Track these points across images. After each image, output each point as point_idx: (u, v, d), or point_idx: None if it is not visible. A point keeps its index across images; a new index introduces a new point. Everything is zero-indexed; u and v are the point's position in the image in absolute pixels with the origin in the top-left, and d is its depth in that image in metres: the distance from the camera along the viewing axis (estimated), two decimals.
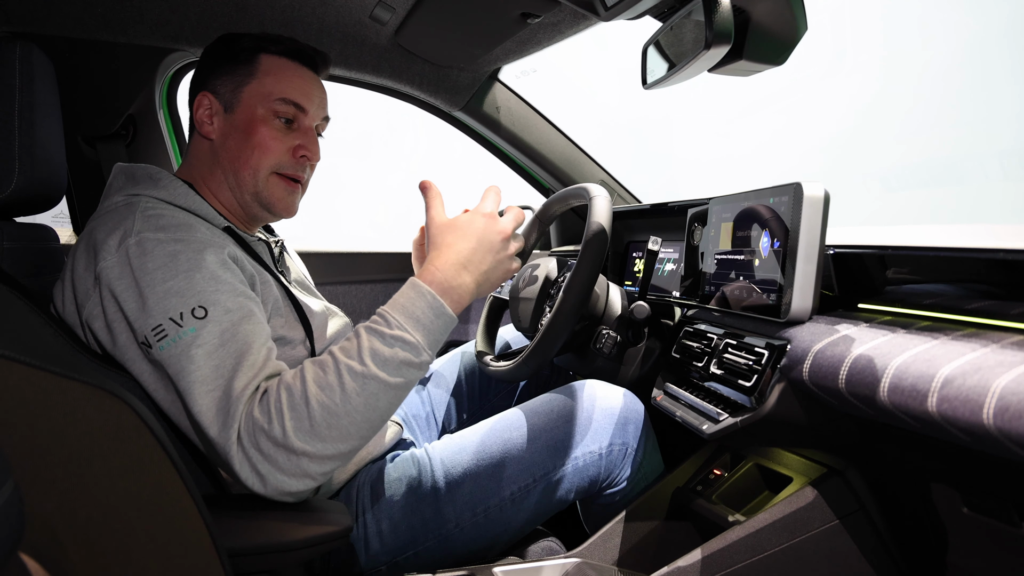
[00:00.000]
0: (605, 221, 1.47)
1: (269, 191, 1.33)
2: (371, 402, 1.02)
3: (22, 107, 1.17)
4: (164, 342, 1.01)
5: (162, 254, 1.07)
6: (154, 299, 1.03)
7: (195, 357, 1.00)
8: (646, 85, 1.27)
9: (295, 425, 0.97)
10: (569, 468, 1.41)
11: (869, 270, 1.22)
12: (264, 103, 1.30)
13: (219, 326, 1.04)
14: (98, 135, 1.86)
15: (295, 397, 0.99)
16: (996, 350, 0.83)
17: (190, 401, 0.99)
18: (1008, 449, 0.75)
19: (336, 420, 0.99)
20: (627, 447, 1.46)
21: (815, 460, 1.29)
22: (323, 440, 0.98)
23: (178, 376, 1.00)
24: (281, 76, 1.32)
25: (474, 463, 1.37)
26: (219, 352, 1.02)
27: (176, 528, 0.75)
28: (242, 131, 1.30)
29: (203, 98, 1.31)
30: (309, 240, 2.43)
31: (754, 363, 1.21)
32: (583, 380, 1.56)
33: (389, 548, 1.32)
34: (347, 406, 1.00)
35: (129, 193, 1.20)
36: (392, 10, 1.77)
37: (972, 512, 1.01)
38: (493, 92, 2.36)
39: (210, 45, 1.36)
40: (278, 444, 0.97)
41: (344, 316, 1.51)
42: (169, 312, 1.02)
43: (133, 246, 1.06)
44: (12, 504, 0.49)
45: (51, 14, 1.65)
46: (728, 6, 1.03)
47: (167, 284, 1.04)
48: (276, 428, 0.97)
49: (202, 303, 1.04)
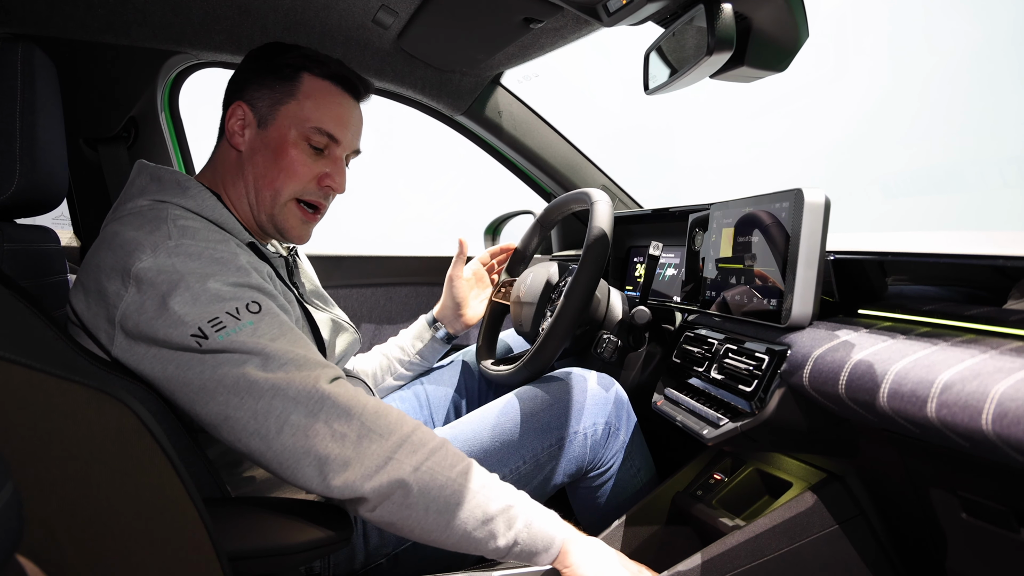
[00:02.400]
0: (606, 226, 1.47)
1: (284, 217, 1.33)
2: (446, 489, 1.02)
3: (23, 108, 1.17)
4: (223, 332, 1.00)
5: (207, 259, 1.07)
6: (206, 296, 1.02)
7: (260, 342, 1.01)
8: (648, 91, 1.27)
9: (372, 419, 1.01)
10: (555, 449, 1.44)
11: (869, 276, 1.22)
12: (299, 127, 1.28)
13: (276, 319, 1.06)
14: (100, 137, 1.86)
15: (371, 403, 1.03)
16: (995, 356, 0.83)
17: (259, 377, 0.99)
18: (1007, 455, 0.75)
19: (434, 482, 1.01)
20: (609, 427, 1.49)
21: (815, 465, 1.29)
22: (384, 445, 1.00)
23: (246, 358, 1.00)
24: (321, 102, 1.30)
25: (466, 450, 1.39)
26: (282, 340, 1.03)
27: (176, 531, 0.75)
28: (272, 150, 1.28)
29: (237, 107, 1.29)
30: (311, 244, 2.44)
31: (754, 368, 1.22)
32: (564, 368, 1.58)
33: (389, 540, 1.31)
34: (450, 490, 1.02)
35: (155, 198, 1.17)
36: (395, 14, 1.78)
37: (971, 518, 1.00)
38: (495, 97, 2.36)
39: (254, 51, 1.34)
40: (352, 420, 0.99)
41: (353, 331, 1.51)
42: (226, 308, 1.02)
43: (174, 249, 1.06)
44: (11, 506, 0.49)
45: (53, 15, 1.65)
46: (730, 12, 1.03)
47: (217, 284, 1.04)
48: (356, 408, 1.00)
49: (255, 300, 1.06)
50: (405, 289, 2.58)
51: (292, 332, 1.06)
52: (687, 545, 1.42)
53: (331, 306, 1.53)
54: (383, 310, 2.52)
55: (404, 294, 2.57)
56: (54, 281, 1.28)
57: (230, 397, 0.99)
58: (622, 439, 1.51)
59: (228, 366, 0.99)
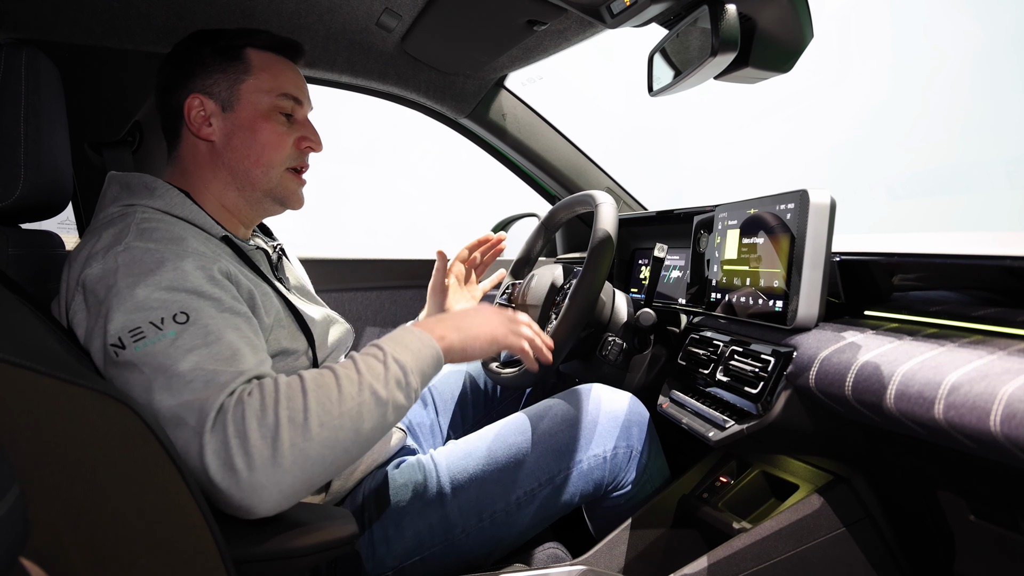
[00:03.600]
0: (611, 228, 1.47)
1: (284, 186, 1.33)
2: (362, 412, 0.98)
3: (28, 113, 1.17)
4: (141, 343, 0.95)
5: (149, 261, 1.04)
6: (133, 303, 0.99)
7: (173, 355, 0.95)
8: (652, 92, 1.27)
9: (288, 416, 0.92)
10: (574, 472, 1.41)
11: (875, 277, 1.22)
12: (266, 99, 1.29)
13: (202, 330, 0.99)
14: (104, 142, 1.86)
15: (292, 389, 0.95)
16: (1003, 357, 0.83)
17: (165, 396, 0.92)
18: (1015, 456, 0.74)
19: (328, 420, 0.94)
20: (632, 450, 1.46)
21: (821, 467, 1.29)
22: (310, 439, 0.92)
23: (155, 373, 0.94)
24: (274, 71, 1.31)
25: (480, 468, 1.37)
26: (201, 351, 0.97)
27: (181, 535, 0.75)
28: (247, 129, 1.28)
29: (194, 99, 1.27)
30: (314, 248, 2.44)
31: (760, 370, 1.21)
32: (586, 384, 1.55)
33: (395, 553, 1.31)
34: (341, 407, 0.96)
35: (125, 203, 1.18)
36: (399, 17, 1.78)
37: (979, 520, 1.00)
38: (499, 99, 2.36)
39: (186, 43, 1.32)
40: (266, 433, 0.90)
41: (345, 323, 1.49)
42: (149, 317, 0.98)
43: (120, 253, 1.04)
44: (17, 509, 0.49)
45: (58, 21, 1.65)
46: (734, 13, 1.03)
47: (149, 291, 1.00)
48: (269, 415, 0.91)
49: (184, 310, 1.00)
50: (410, 292, 2.58)
51: (217, 343, 0.99)
52: (693, 548, 1.42)
53: (319, 304, 1.50)
54: (388, 313, 2.52)
55: (409, 297, 2.57)
56: (59, 285, 1.28)
57: (149, 399, 0.94)
58: (643, 462, 1.48)
59: (137, 385, 0.95)
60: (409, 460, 1.42)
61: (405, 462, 1.42)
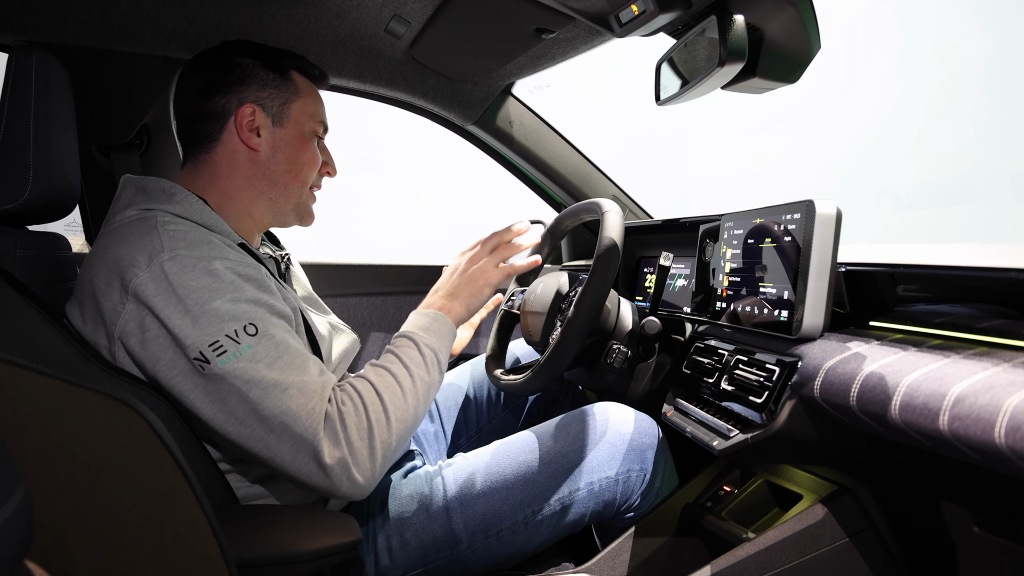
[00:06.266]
0: (617, 236, 1.47)
1: (307, 202, 1.39)
2: (419, 399, 1.20)
3: (38, 116, 1.18)
4: (224, 357, 1.04)
5: (202, 272, 1.07)
6: (206, 318, 1.04)
7: (259, 367, 1.05)
8: (659, 101, 1.27)
9: (376, 417, 1.11)
10: (584, 493, 1.40)
11: (881, 288, 1.22)
12: (309, 122, 1.35)
13: (271, 340, 1.08)
14: (112, 145, 1.87)
15: (371, 393, 1.14)
16: (1008, 369, 0.83)
17: (267, 405, 1.04)
18: (1019, 468, 0.74)
19: (401, 414, 1.15)
20: (645, 472, 1.46)
21: (825, 477, 1.28)
22: (392, 433, 1.13)
23: (249, 386, 1.04)
24: (315, 97, 1.39)
25: (487, 485, 1.37)
26: (280, 362, 1.08)
27: (186, 538, 0.75)
28: (293, 146, 1.33)
29: (247, 108, 1.27)
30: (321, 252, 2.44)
31: (765, 380, 1.21)
32: (600, 403, 1.55)
33: (399, 564, 1.31)
34: (406, 401, 1.17)
35: (142, 207, 1.17)
36: (407, 24, 1.78)
37: (983, 531, 1.00)
38: (506, 106, 2.36)
39: (229, 51, 1.31)
40: (363, 434, 1.09)
41: (350, 332, 1.49)
42: (224, 330, 1.05)
43: (168, 262, 1.06)
44: (22, 512, 0.49)
45: (68, 24, 1.66)
46: (742, 24, 1.03)
47: (215, 303, 1.06)
48: (363, 418, 1.10)
49: (252, 321, 1.08)
50: (416, 298, 2.57)
51: (288, 352, 1.10)
52: (697, 557, 1.42)
53: (325, 312, 1.51)
54: (393, 319, 2.52)
55: (414, 303, 2.57)
56: (66, 287, 1.29)
57: (240, 428, 1.05)
58: (657, 485, 1.48)
59: (233, 396, 1.05)
60: (417, 472, 1.42)
61: (412, 473, 1.42)
